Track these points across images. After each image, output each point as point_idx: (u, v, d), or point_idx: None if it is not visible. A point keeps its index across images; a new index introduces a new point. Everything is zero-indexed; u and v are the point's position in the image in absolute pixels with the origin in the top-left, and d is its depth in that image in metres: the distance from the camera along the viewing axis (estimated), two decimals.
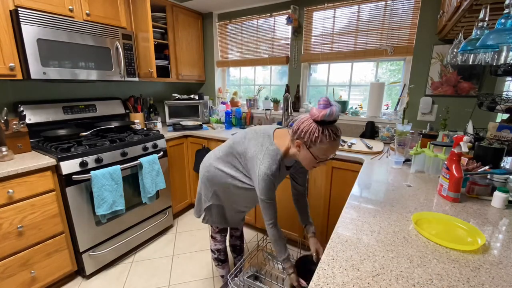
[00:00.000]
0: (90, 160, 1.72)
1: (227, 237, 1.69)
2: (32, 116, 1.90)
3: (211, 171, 1.32)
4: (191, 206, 2.86)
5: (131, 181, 2.01)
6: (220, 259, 1.55)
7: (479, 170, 1.16)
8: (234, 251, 1.71)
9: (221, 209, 1.41)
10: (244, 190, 1.26)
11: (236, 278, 1.43)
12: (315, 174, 1.95)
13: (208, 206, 1.39)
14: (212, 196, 1.36)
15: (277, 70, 2.88)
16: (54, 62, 1.73)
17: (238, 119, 2.82)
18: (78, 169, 1.66)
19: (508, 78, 1.62)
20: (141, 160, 1.98)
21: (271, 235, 1.16)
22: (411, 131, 1.81)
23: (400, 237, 0.81)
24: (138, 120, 2.50)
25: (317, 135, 0.96)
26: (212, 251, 1.56)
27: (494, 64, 1.11)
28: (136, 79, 2.26)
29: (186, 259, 2.05)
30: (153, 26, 2.31)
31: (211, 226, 1.51)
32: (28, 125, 1.86)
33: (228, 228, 1.67)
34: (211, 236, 1.54)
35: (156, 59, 2.35)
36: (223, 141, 2.35)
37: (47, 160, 1.56)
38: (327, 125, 0.97)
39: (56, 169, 1.61)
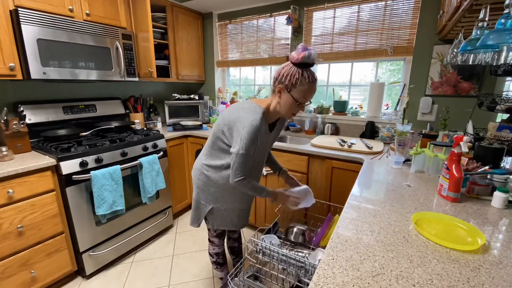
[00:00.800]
0: (90, 160, 1.72)
1: (225, 240, 1.69)
2: (32, 116, 1.90)
3: (204, 171, 1.31)
4: (191, 206, 2.86)
5: (131, 181, 2.01)
6: (219, 262, 1.54)
7: (479, 170, 1.16)
8: (232, 253, 1.71)
9: (224, 212, 1.38)
10: None
11: (236, 278, 1.43)
12: (315, 174, 1.95)
13: (210, 209, 1.35)
14: (212, 198, 1.33)
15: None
16: (54, 62, 1.73)
17: None
18: (78, 169, 1.66)
19: (508, 78, 1.62)
20: (141, 160, 1.98)
21: (246, 189, 1.18)
22: (411, 131, 1.81)
23: (400, 237, 0.81)
24: (138, 120, 2.50)
25: (297, 77, 1.03)
26: (210, 254, 1.54)
27: (494, 64, 1.12)
28: (136, 79, 2.26)
29: (186, 259, 2.05)
30: (153, 26, 2.31)
31: (209, 230, 1.48)
32: (28, 125, 1.86)
33: (226, 231, 1.66)
34: (209, 240, 1.52)
35: (156, 59, 2.35)
36: None
37: (47, 160, 1.56)
38: (306, 68, 1.05)
39: (56, 169, 1.61)
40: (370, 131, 2.19)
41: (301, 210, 2.02)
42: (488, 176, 1.14)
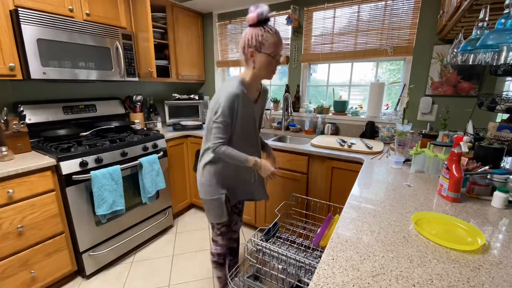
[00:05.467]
0: (90, 160, 1.72)
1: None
2: (32, 116, 1.90)
3: (207, 167, 1.31)
4: (191, 206, 2.86)
5: (131, 181, 2.01)
6: (219, 263, 1.53)
7: (479, 170, 1.16)
8: (230, 254, 1.70)
9: (223, 203, 1.37)
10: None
11: (236, 278, 1.43)
12: (315, 174, 1.95)
13: (222, 192, 1.33)
14: (223, 182, 1.33)
15: (277, 70, 2.88)
16: (54, 62, 1.73)
17: None
18: (78, 169, 1.66)
19: (508, 78, 1.62)
20: (141, 160, 1.98)
21: (225, 156, 1.18)
22: (411, 131, 1.81)
23: (400, 237, 0.81)
24: (138, 120, 2.50)
25: (261, 33, 1.10)
26: (212, 254, 1.53)
27: (494, 64, 1.12)
28: (136, 79, 2.26)
29: (186, 259, 2.05)
30: (153, 26, 2.31)
31: (213, 227, 1.46)
32: (28, 125, 1.86)
33: (229, 230, 1.66)
34: (213, 240, 1.52)
35: (156, 59, 2.35)
36: None
37: (47, 160, 1.56)
38: (264, 25, 1.11)
39: (56, 169, 1.61)
40: (370, 131, 2.19)
41: (301, 210, 2.02)
42: (488, 176, 1.14)
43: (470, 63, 1.27)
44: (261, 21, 1.10)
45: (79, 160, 1.66)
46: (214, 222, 1.41)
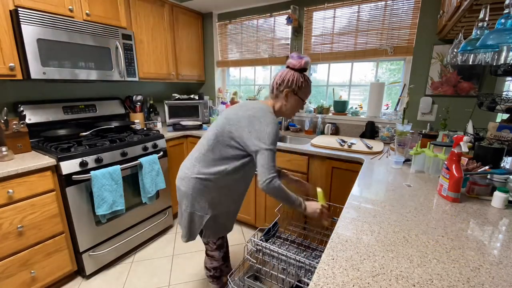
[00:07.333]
0: (90, 160, 1.72)
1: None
2: (32, 116, 1.90)
3: (200, 179, 1.20)
4: None
5: (131, 181, 2.01)
6: (216, 276, 1.45)
7: (479, 170, 1.16)
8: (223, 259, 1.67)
9: (219, 218, 1.29)
10: (243, 168, 1.22)
11: (236, 278, 1.43)
12: (315, 174, 1.95)
13: (208, 218, 1.24)
14: (210, 206, 1.23)
15: (277, 70, 2.88)
16: (54, 62, 1.73)
17: None
18: (78, 169, 1.66)
19: (508, 78, 1.62)
20: (141, 160, 1.98)
21: (278, 188, 1.11)
22: (411, 131, 1.81)
23: (400, 237, 0.81)
24: (138, 120, 2.50)
25: (302, 80, 1.20)
26: (207, 269, 1.44)
27: (494, 64, 1.11)
28: (136, 79, 2.26)
29: (186, 259, 2.05)
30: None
31: (207, 244, 1.38)
32: (28, 125, 1.86)
33: (225, 242, 1.60)
34: (208, 254, 1.42)
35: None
36: None
37: (47, 160, 1.56)
38: (304, 72, 1.22)
39: (56, 169, 1.61)
40: (370, 131, 2.19)
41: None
42: (488, 176, 1.14)
43: (470, 63, 1.26)
44: (304, 69, 1.22)
45: (79, 160, 1.66)
46: (214, 239, 1.34)
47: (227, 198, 1.28)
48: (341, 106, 2.39)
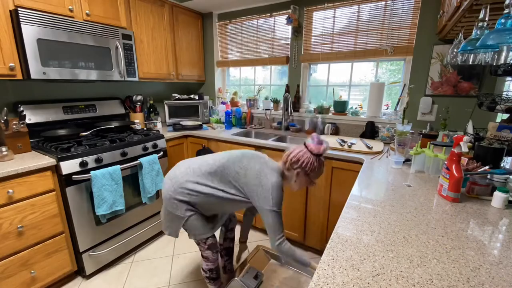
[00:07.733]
0: (90, 160, 1.72)
1: (221, 240, 1.66)
2: (32, 116, 1.90)
3: (185, 190, 1.26)
4: None
5: (131, 181, 2.01)
6: (212, 278, 1.45)
7: (479, 170, 1.16)
8: (227, 254, 1.69)
9: (203, 217, 1.33)
10: (234, 201, 1.28)
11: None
12: None
13: (186, 219, 1.29)
14: (188, 209, 1.29)
15: (277, 70, 2.88)
16: (54, 62, 1.73)
17: (238, 119, 2.82)
18: (78, 169, 1.66)
19: (508, 78, 1.62)
20: (141, 160, 1.98)
21: (288, 251, 1.19)
22: (411, 131, 1.81)
23: (400, 237, 0.81)
24: (138, 120, 2.50)
25: (316, 164, 1.20)
26: (204, 270, 1.44)
27: (494, 64, 1.11)
28: (136, 79, 2.26)
29: (186, 259, 2.05)
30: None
31: (199, 244, 1.39)
32: (28, 125, 1.86)
33: (224, 231, 1.65)
34: (202, 256, 1.42)
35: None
36: (223, 141, 2.35)
37: (47, 160, 1.56)
38: (321, 156, 1.22)
39: (56, 169, 1.61)
40: (370, 131, 2.19)
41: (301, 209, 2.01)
42: (488, 176, 1.14)
43: (470, 63, 1.27)
44: (321, 154, 1.23)
45: (79, 160, 1.66)
46: (198, 239, 1.36)
47: (210, 207, 1.32)
48: (341, 106, 2.39)
